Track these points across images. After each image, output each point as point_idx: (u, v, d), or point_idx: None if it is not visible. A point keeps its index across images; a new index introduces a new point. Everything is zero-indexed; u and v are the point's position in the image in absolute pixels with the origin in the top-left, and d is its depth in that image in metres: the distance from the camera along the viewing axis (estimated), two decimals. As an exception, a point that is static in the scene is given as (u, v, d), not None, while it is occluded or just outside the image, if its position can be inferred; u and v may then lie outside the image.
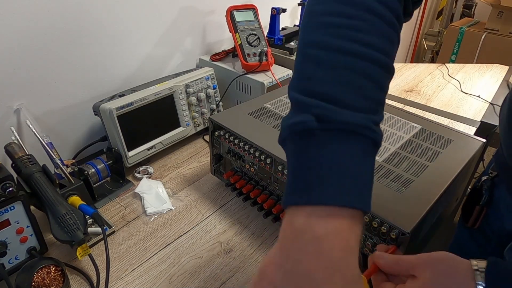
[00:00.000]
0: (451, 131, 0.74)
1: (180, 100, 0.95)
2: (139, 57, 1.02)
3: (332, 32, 0.35)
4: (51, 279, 0.58)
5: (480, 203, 0.59)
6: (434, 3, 3.17)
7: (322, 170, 0.32)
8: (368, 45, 0.34)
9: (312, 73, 0.34)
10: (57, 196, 0.64)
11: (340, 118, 0.32)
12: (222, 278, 0.64)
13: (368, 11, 0.34)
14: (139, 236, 0.72)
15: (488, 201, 0.58)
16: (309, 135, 0.33)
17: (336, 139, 0.32)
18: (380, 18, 0.35)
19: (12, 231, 0.62)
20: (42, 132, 0.77)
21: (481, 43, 2.51)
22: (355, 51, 0.34)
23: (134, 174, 0.89)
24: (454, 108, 1.19)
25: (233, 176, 0.76)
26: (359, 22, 0.34)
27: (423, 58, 3.17)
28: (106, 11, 0.89)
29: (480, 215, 0.59)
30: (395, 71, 0.37)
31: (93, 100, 0.88)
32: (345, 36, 0.34)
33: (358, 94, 0.33)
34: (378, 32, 0.34)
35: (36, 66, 0.81)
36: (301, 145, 0.33)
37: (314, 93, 0.33)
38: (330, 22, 0.35)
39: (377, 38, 0.34)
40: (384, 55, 0.35)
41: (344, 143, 0.32)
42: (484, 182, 0.59)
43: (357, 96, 0.33)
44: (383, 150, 0.67)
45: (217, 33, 1.22)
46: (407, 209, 0.53)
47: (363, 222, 0.33)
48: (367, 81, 0.34)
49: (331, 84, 0.33)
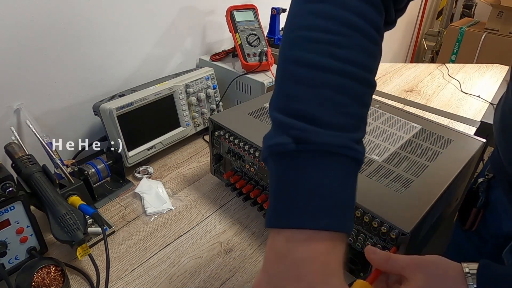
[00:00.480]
0: (451, 131, 0.74)
1: (180, 100, 0.95)
2: (139, 57, 1.02)
3: (310, 47, 0.34)
4: (51, 279, 0.58)
5: (477, 205, 0.58)
6: (434, 3, 3.17)
7: (300, 193, 0.32)
8: (347, 60, 0.33)
9: (291, 91, 0.34)
10: (57, 196, 0.64)
11: (318, 140, 0.32)
12: (222, 278, 0.64)
13: (347, 25, 0.33)
14: (139, 236, 0.72)
15: (484, 203, 0.58)
16: (287, 157, 0.33)
17: (314, 161, 0.32)
18: (359, 32, 0.34)
19: (12, 231, 0.62)
20: (42, 132, 0.77)
21: (481, 43, 2.51)
22: (333, 67, 0.33)
23: (134, 174, 0.89)
24: (454, 108, 1.19)
25: (233, 176, 0.76)
26: (338, 37, 0.33)
27: (423, 58, 3.16)
28: (106, 11, 0.89)
29: (477, 217, 0.59)
30: (396, 71, 0.37)
31: (93, 100, 0.88)
32: (324, 52, 0.33)
33: (337, 112, 0.33)
34: (357, 47, 0.34)
35: (36, 66, 0.81)
36: (280, 166, 0.33)
37: (293, 112, 0.33)
38: (308, 37, 0.34)
39: (357, 53, 0.34)
40: (363, 70, 0.34)
41: (323, 164, 0.32)
42: (480, 184, 0.59)
43: (337, 114, 0.33)
44: (383, 150, 0.67)
45: (217, 33, 1.22)
46: (407, 209, 0.53)
47: (346, 241, 0.33)
48: (347, 98, 0.33)
49: (309, 102, 0.33)
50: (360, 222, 0.55)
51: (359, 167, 0.35)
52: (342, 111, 0.33)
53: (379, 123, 0.77)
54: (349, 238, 0.57)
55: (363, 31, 0.34)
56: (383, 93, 1.26)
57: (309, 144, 0.32)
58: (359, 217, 0.54)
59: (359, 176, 0.59)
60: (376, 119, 0.78)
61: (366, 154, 0.66)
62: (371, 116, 0.79)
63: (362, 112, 0.35)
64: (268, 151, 0.34)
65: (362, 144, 0.35)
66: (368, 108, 0.36)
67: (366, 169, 0.62)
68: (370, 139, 0.71)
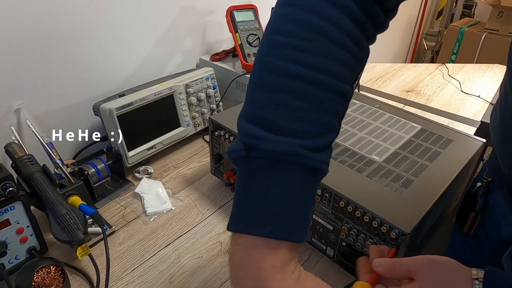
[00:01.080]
0: (451, 131, 0.74)
1: (180, 100, 0.95)
2: (139, 57, 1.02)
3: (274, 52, 0.33)
4: (51, 279, 0.58)
5: (475, 209, 0.58)
6: (434, 3, 3.17)
7: (246, 199, 0.33)
8: (307, 65, 0.32)
9: (253, 96, 0.34)
10: (57, 196, 0.64)
11: (265, 147, 0.31)
12: (222, 278, 0.64)
13: (312, 29, 0.32)
14: (139, 236, 0.72)
15: (483, 208, 0.57)
16: (242, 164, 0.33)
17: (264, 169, 0.32)
18: (329, 40, 0.32)
19: (12, 231, 0.62)
20: (42, 132, 0.77)
21: (481, 43, 2.51)
22: (292, 71, 0.32)
23: (134, 174, 0.89)
24: (454, 108, 1.19)
25: (233, 176, 0.76)
26: (301, 41, 0.32)
27: (423, 58, 3.16)
28: (107, 11, 0.89)
29: (475, 221, 0.58)
30: (396, 71, 0.37)
31: (93, 100, 0.88)
32: (286, 56, 0.32)
33: (292, 117, 0.32)
34: (321, 52, 0.32)
35: (36, 66, 0.81)
36: (238, 172, 0.34)
37: (252, 118, 0.33)
38: (275, 41, 0.34)
39: (320, 58, 0.32)
40: (326, 75, 0.33)
41: (271, 172, 0.32)
42: (478, 188, 0.58)
43: (291, 120, 0.32)
44: (383, 150, 0.67)
45: (217, 33, 1.22)
46: (407, 210, 0.53)
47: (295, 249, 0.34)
48: (305, 103, 0.32)
49: (266, 107, 0.32)
50: (360, 222, 0.55)
51: (316, 175, 0.34)
52: (298, 116, 0.32)
53: (379, 123, 0.77)
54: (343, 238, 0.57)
55: (334, 39, 0.33)
56: (383, 93, 1.26)
57: (258, 151, 0.32)
58: (359, 217, 0.54)
59: (359, 176, 0.60)
60: (376, 119, 0.78)
61: (366, 154, 0.66)
62: (371, 116, 0.79)
63: (325, 119, 0.33)
64: (228, 157, 0.35)
65: (324, 152, 0.34)
66: (337, 117, 0.35)
67: (366, 169, 0.62)
68: (370, 139, 0.71)
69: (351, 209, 0.55)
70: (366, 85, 1.30)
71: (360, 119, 0.78)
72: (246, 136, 0.33)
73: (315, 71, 0.32)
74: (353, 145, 0.69)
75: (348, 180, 0.59)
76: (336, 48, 0.33)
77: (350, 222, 0.57)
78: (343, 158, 0.65)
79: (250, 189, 0.33)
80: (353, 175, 0.61)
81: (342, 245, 0.60)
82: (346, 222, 0.58)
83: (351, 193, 0.56)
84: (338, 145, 0.69)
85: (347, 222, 0.57)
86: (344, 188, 0.57)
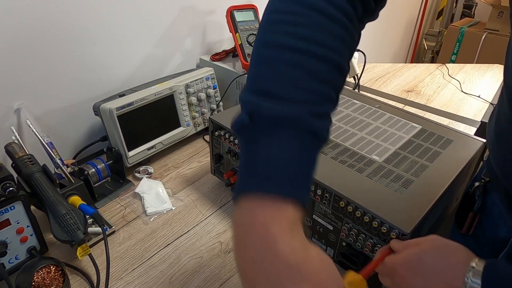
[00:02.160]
0: (451, 131, 0.74)
1: (180, 100, 0.95)
2: (139, 57, 1.02)
3: (273, 29, 0.36)
4: (51, 279, 0.58)
5: (473, 209, 0.58)
6: (434, 3, 3.17)
7: (251, 163, 0.34)
8: (303, 38, 0.34)
9: (254, 70, 0.36)
10: (57, 196, 0.64)
11: (269, 113, 0.33)
12: (222, 278, 0.64)
13: (310, 8, 0.35)
14: (139, 236, 0.72)
15: (481, 208, 0.57)
16: (245, 133, 0.34)
17: (267, 134, 0.33)
18: (322, 14, 0.35)
19: (12, 231, 0.62)
20: (42, 132, 0.77)
21: (481, 43, 2.51)
22: (291, 45, 0.34)
23: (134, 174, 0.89)
24: (454, 108, 1.19)
25: (233, 176, 0.76)
26: (296, 17, 0.35)
27: (423, 58, 3.16)
28: (107, 11, 0.89)
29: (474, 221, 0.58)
30: (396, 71, 0.37)
31: (93, 100, 0.88)
32: (284, 31, 0.35)
33: (292, 86, 0.34)
34: (315, 25, 0.35)
35: (36, 66, 0.81)
36: (241, 143, 0.35)
37: (255, 91, 0.35)
38: (273, 20, 0.37)
39: (314, 31, 0.35)
40: (321, 47, 0.35)
41: (274, 136, 0.33)
42: (476, 188, 0.58)
43: (294, 89, 0.34)
44: (383, 150, 0.67)
45: (217, 33, 1.22)
46: (407, 210, 0.53)
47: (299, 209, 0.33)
48: (303, 73, 0.34)
49: (269, 79, 0.34)
50: (360, 222, 0.55)
51: (318, 140, 0.35)
52: (298, 85, 0.34)
53: (379, 123, 0.77)
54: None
55: (327, 14, 0.35)
56: (383, 93, 1.26)
57: (261, 118, 0.33)
58: (359, 217, 0.54)
59: (360, 176, 0.60)
60: (376, 119, 0.78)
61: (367, 154, 0.66)
62: (371, 116, 0.79)
63: (323, 89, 0.35)
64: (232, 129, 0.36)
65: (326, 120, 0.36)
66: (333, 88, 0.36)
67: (366, 169, 0.62)
68: (370, 139, 0.71)
69: (351, 209, 0.55)
70: (366, 85, 1.30)
71: (360, 119, 0.78)
72: (249, 105, 0.34)
73: (311, 43, 0.34)
74: (353, 145, 0.69)
75: (348, 180, 0.59)
76: (330, 22, 0.36)
77: (350, 222, 0.57)
78: (343, 158, 0.65)
79: (254, 155, 0.33)
80: (353, 175, 0.61)
81: (342, 245, 0.60)
82: (346, 222, 0.58)
83: (351, 193, 0.56)
84: (338, 145, 0.69)
85: (347, 222, 0.57)
86: (344, 188, 0.57)
